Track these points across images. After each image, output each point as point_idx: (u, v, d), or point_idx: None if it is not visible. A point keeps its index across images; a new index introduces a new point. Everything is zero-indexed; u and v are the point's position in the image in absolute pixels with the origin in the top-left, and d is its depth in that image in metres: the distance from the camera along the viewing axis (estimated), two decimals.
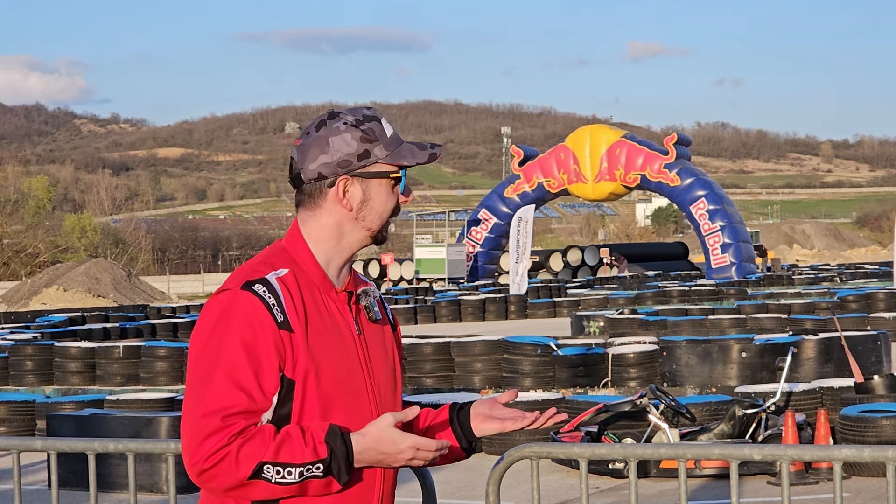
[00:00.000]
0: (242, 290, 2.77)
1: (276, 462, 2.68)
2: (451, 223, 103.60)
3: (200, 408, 2.70)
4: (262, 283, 2.79)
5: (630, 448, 4.13)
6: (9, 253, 68.32)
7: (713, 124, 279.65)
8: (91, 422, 10.55)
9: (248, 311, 2.75)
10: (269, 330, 2.75)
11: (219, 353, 2.73)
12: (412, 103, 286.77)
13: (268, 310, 2.76)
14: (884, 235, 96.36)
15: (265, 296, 2.77)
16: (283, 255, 2.89)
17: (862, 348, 14.66)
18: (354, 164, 2.87)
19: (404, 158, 2.89)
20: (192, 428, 2.70)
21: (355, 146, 2.87)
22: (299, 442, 2.70)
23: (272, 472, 2.68)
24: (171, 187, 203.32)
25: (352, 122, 2.89)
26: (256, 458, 2.67)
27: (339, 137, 2.87)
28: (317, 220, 2.90)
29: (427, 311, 31.91)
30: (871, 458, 3.85)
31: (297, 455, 2.69)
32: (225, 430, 2.68)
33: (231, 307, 2.76)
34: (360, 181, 2.89)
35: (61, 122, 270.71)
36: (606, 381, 14.36)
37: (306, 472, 2.70)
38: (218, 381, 2.71)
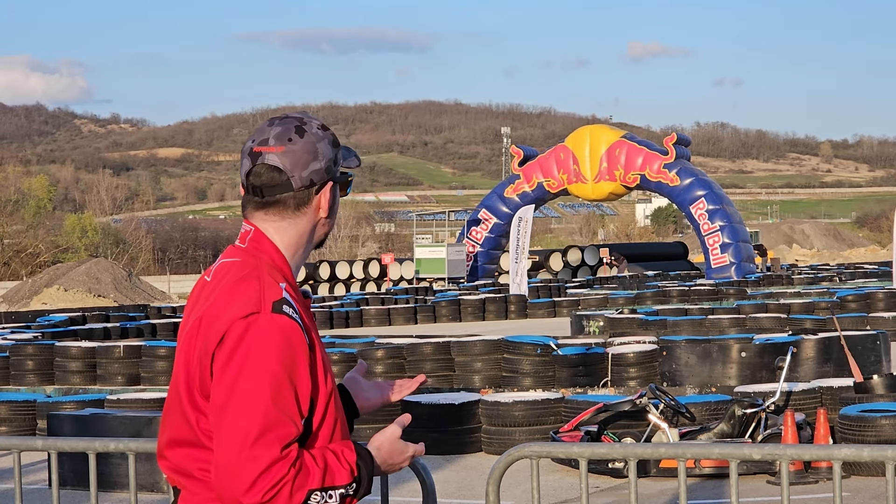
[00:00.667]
0: (275, 314, 2.72)
1: (322, 488, 2.70)
2: (451, 223, 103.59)
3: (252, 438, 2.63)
4: (287, 304, 2.75)
5: (630, 447, 4.14)
6: (9, 253, 68.29)
7: (713, 124, 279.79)
8: (92, 421, 10.56)
9: (288, 336, 2.71)
10: (306, 353, 2.74)
11: (264, 380, 2.67)
12: (412, 103, 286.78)
13: (304, 332, 2.75)
14: (883, 235, 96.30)
15: (296, 317, 2.74)
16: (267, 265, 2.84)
17: (861, 348, 14.67)
18: (333, 169, 2.90)
19: (352, 163, 2.96)
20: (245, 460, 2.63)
21: (331, 152, 2.89)
22: (337, 465, 2.74)
23: (319, 497, 2.69)
24: (172, 187, 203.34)
25: (321, 127, 2.90)
26: (307, 487, 2.68)
27: (323, 143, 2.88)
28: (297, 227, 2.87)
29: (427, 311, 31.91)
30: (871, 457, 3.86)
31: (339, 478, 2.73)
32: (285, 461, 2.65)
33: (269, 333, 2.70)
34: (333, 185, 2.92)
35: (62, 122, 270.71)
36: (606, 381, 14.37)
37: (345, 494, 2.75)
38: (269, 411, 2.65)
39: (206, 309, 2.79)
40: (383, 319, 31.14)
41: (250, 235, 2.87)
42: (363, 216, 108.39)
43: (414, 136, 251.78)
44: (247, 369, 2.66)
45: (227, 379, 2.68)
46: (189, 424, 2.79)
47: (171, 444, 2.84)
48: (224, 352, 2.70)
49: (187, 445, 2.80)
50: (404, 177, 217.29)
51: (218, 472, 2.66)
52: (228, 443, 2.64)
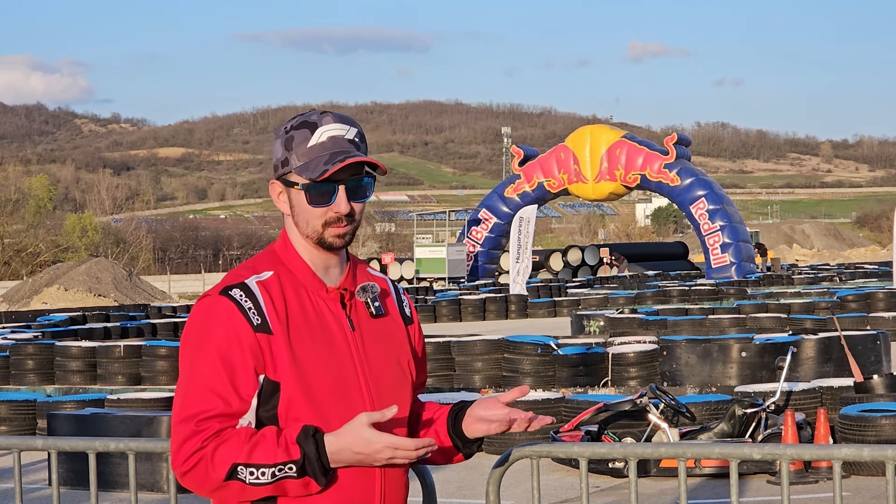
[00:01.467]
0: (220, 296, 2.83)
1: (248, 463, 2.72)
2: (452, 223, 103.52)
3: (180, 413, 2.78)
4: (241, 288, 2.84)
5: (630, 447, 4.14)
6: (10, 252, 68.29)
7: (713, 124, 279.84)
8: (92, 421, 10.55)
9: (224, 316, 2.80)
10: (244, 334, 2.80)
11: (196, 359, 2.80)
12: (412, 103, 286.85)
13: (243, 314, 2.81)
14: (883, 235, 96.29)
15: (241, 300, 2.81)
16: (270, 258, 2.93)
17: (861, 348, 14.66)
18: (280, 170, 2.92)
19: (306, 171, 2.86)
20: (173, 433, 2.79)
21: (280, 153, 2.92)
22: (272, 443, 2.73)
23: (245, 473, 2.72)
24: (172, 187, 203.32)
25: (287, 128, 2.92)
26: (231, 460, 2.72)
27: (276, 142, 2.94)
28: (286, 221, 2.98)
29: (427, 311, 31.91)
30: (871, 457, 3.86)
31: (269, 456, 2.72)
32: (199, 434, 2.74)
33: (209, 313, 2.82)
34: (286, 188, 2.93)
35: (62, 122, 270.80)
36: (606, 381, 14.37)
37: (279, 473, 2.72)
38: (194, 388, 2.78)
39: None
40: None
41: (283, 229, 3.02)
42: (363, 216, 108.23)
43: (414, 136, 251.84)
44: (184, 347, 2.84)
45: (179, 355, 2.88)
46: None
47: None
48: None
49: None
50: (405, 176, 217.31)
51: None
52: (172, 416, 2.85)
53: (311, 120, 2.89)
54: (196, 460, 2.73)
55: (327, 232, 2.89)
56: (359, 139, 2.92)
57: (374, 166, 2.90)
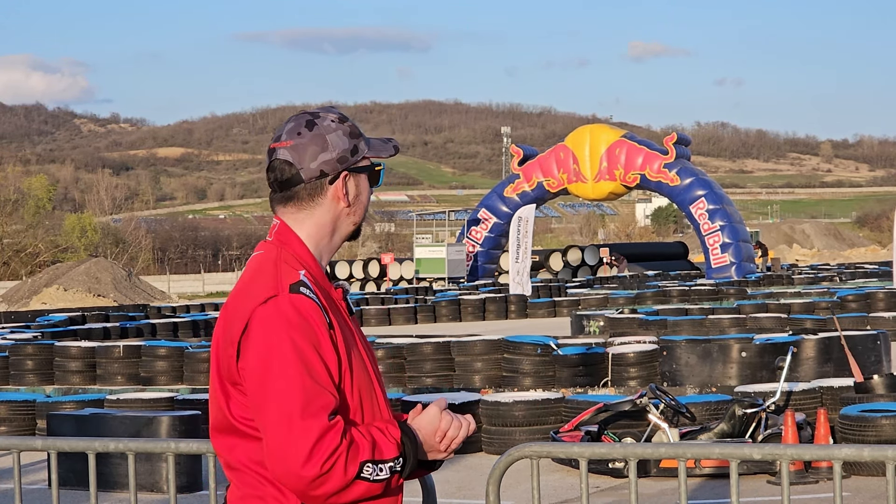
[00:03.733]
0: (293, 294, 2.79)
1: (374, 460, 2.74)
2: (451, 223, 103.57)
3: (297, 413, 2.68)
4: (304, 285, 2.82)
5: (630, 447, 4.14)
6: (9, 252, 68.28)
7: (713, 124, 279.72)
8: (91, 421, 10.55)
9: (306, 312, 2.78)
10: (325, 329, 2.80)
11: (293, 357, 2.73)
12: (412, 103, 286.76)
13: (321, 310, 2.81)
14: (883, 235, 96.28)
15: (313, 297, 2.81)
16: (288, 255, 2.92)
17: (861, 348, 14.66)
18: (350, 159, 2.94)
19: (381, 152, 2.97)
20: (297, 434, 2.68)
21: (347, 142, 2.94)
22: (384, 439, 2.77)
23: (372, 470, 2.74)
24: (171, 187, 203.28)
25: (337, 119, 2.95)
26: (359, 459, 2.72)
27: (335, 134, 2.93)
28: (314, 218, 2.94)
29: (427, 311, 31.92)
30: (871, 457, 3.86)
31: (387, 452, 2.77)
32: (334, 430, 2.70)
33: (288, 311, 2.77)
34: (354, 176, 2.96)
35: (61, 122, 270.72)
36: (606, 381, 14.36)
37: (393, 468, 2.78)
38: (307, 384, 2.72)
39: (230, 300, 2.92)
40: (383, 319, 31.15)
41: (276, 229, 2.97)
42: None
43: (414, 136, 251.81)
44: (275, 350, 2.74)
45: (259, 363, 2.75)
46: (222, 410, 2.88)
47: (214, 431, 2.93)
48: (250, 339, 2.78)
49: (226, 433, 2.88)
50: (404, 176, 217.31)
51: (271, 454, 2.72)
52: (275, 423, 2.71)
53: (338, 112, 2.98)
54: (335, 460, 2.68)
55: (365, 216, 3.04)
56: None
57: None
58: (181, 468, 9.80)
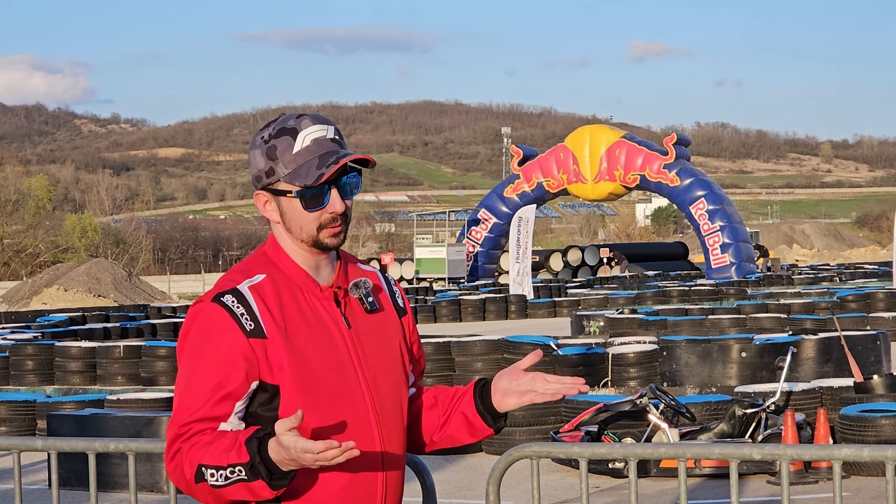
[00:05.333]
0: (212, 303, 2.83)
1: (207, 464, 2.71)
2: (451, 223, 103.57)
3: (172, 417, 2.83)
4: (233, 294, 2.84)
5: (630, 447, 4.14)
6: (9, 253, 68.27)
7: (713, 124, 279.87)
8: (91, 421, 10.55)
9: (215, 323, 2.81)
10: (235, 340, 2.79)
11: (186, 364, 2.83)
12: (412, 103, 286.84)
13: (235, 320, 2.81)
14: (883, 235, 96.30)
15: (233, 306, 2.82)
16: (261, 260, 2.93)
17: (861, 348, 14.65)
18: (264, 180, 2.90)
19: (297, 178, 2.83)
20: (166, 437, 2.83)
21: (262, 163, 2.89)
22: (227, 444, 2.71)
23: (207, 474, 2.71)
24: (172, 187, 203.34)
25: (265, 138, 2.88)
26: (197, 461, 2.73)
27: (253, 153, 2.92)
28: (273, 226, 2.96)
29: (427, 311, 31.91)
30: (871, 457, 3.86)
31: (222, 457, 2.70)
32: (181, 436, 2.77)
33: (200, 320, 2.83)
34: (274, 197, 2.90)
35: (62, 122, 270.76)
36: (606, 381, 14.36)
37: (231, 475, 2.68)
38: (183, 393, 2.81)
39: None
40: None
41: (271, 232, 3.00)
42: (363, 216, 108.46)
43: (414, 136, 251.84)
44: (183, 352, 2.85)
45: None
46: None
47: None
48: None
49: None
50: (404, 177, 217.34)
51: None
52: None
53: (289, 126, 2.86)
54: (177, 462, 2.76)
55: (322, 234, 2.88)
56: (338, 136, 2.91)
57: (361, 161, 2.89)
58: None
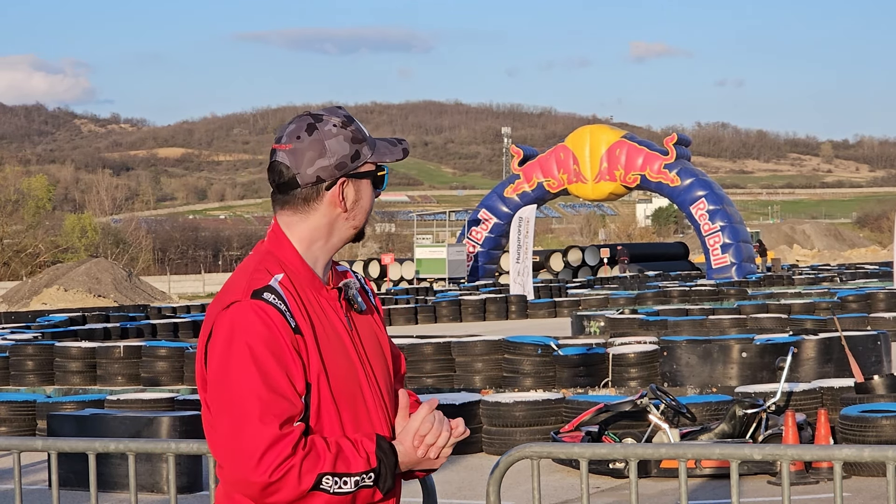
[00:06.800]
0: (254, 300, 2.78)
1: (334, 472, 2.73)
2: (452, 223, 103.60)
3: (250, 419, 2.69)
4: (269, 291, 2.80)
5: (630, 448, 4.14)
6: (9, 253, 68.27)
7: (713, 124, 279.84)
8: (92, 422, 10.55)
9: (266, 319, 2.76)
10: (287, 335, 2.77)
11: (249, 363, 2.73)
12: (412, 103, 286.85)
13: (282, 315, 2.78)
14: (884, 236, 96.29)
15: (276, 303, 2.79)
16: (272, 260, 2.90)
17: (862, 348, 14.66)
18: (349, 165, 2.91)
19: (385, 156, 2.94)
20: (247, 441, 2.69)
21: (348, 148, 2.91)
22: (353, 452, 2.76)
23: (331, 482, 2.72)
24: (172, 187, 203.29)
25: (340, 124, 2.91)
26: (317, 470, 2.71)
27: (335, 140, 2.90)
28: (308, 222, 2.92)
29: (427, 311, 31.91)
30: (871, 457, 3.86)
31: (353, 465, 2.75)
32: (286, 440, 2.70)
33: (248, 317, 2.76)
34: (354, 181, 2.93)
35: (61, 122, 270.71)
36: (607, 381, 14.36)
37: (360, 482, 2.76)
38: (261, 392, 2.71)
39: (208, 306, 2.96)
40: (384, 320, 31.10)
41: (270, 229, 2.97)
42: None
43: (414, 136, 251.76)
44: (232, 357, 2.74)
45: (217, 369, 2.76)
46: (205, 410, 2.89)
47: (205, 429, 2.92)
48: (212, 344, 2.79)
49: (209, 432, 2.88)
50: (405, 177, 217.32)
51: (225, 460, 2.74)
52: (228, 429, 2.72)
53: (347, 114, 2.95)
54: (285, 470, 2.68)
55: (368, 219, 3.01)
56: None
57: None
58: (181, 468, 9.80)
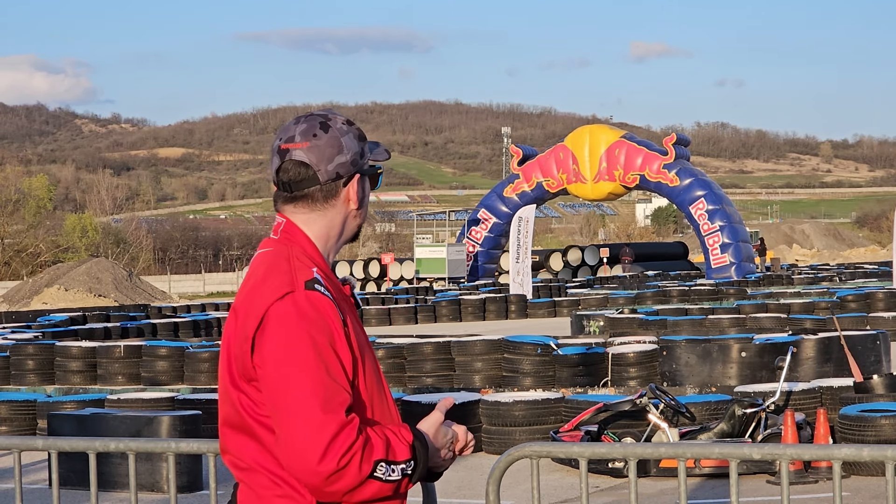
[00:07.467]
0: (308, 290, 2.81)
1: (388, 460, 2.76)
2: (452, 223, 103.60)
3: (315, 409, 2.70)
4: (318, 283, 2.84)
5: (630, 447, 4.15)
6: (10, 252, 68.28)
7: (713, 124, 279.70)
8: (92, 421, 10.56)
9: (322, 309, 2.80)
10: (341, 326, 2.82)
11: (311, 353, 2.75)
12: (412, 103, 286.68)
13: (335, 306, 2.83)
14: (883, 235, 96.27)
15: (328, 293, 2.83)
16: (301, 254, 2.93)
17: (861, 348, 14.67)
18: (360, 162, 2.98)
19: (380, 156, 3.03)
20: (315, 430, 2.69)
21: (355, 146, 2.98)
22: (397, 441, 2.79)
23: (385, 469, 2.75)
24: (172, 187, 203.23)
25: (346, 122, 2.99)
26: (373, 457, 2.73)
27: (348, 137, 2.97)
28: (326, 219, 2.97)
29: (427, 311, 31.93)
30: (871, 457, 3.87)
31: (399, 454, 2.78)
32: (351, 426, 2.72)
33: (306, 307, 2.79)
34: (362, 179, 3.01)
35: (62, 122, 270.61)
36: (606, 381, 14.37)
37: (405, 471, 2.79)
38: (325, 381, 2.73)
39: (242, 298, 2.90)
40: (384, 319, 31.16)
41: (282, 227, 2.98)
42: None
43: (414, 136, 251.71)
44: (293, 346, 2.75)
45: (276, 358, 2.76)
46: (234, 407, 2.87)
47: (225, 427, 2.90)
48: (266, 335, 2.78)
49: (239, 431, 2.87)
50: (405, 177, 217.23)
51: (288, 449, 2.73)
52: (293, 418, 2.72)
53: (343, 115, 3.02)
54: (351, 456, 2.70)
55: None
56: None
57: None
58: (181, 468, 9.81)
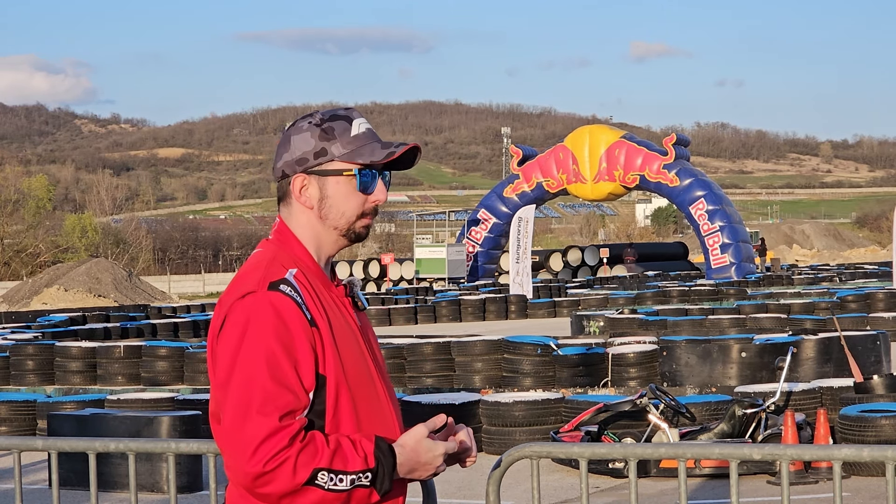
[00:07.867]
0: (270, 291, 2.78)
1: (330, 468, 2.71)
2: (451, 223, 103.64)
3: (251, 410, 2.69)
4: (285, 283, 2.80)
5: (630, 448, 4.15)
6: (9, 253, 68.29)
7: (713, 124, 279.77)
8: (92, 421, 10.56)
9: (281, 310, 2.76)
10: (302, 328, 2.77)
11: (258, 354, 2.73)
12: (412, 103, 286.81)
13: (299, 308, 2.78)
14: (883, 235, 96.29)
15: (293, 295, 2.79)
16: (285, 254, 2.90)
17: (861, 348, 14.66)
18: (311, 161, 2.90)
19: (360, 157, 2.88)
20: (245, 430, 2.69)
21: (313, 144, 2.90)
22: (351, 450, 2.74)
23: (326, 478, 2.70)
24: (172, 187, 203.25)
25: (315, 122, 2.92)
26: (312, 465, 2.69)
27: (300, 136, 2.91)
28: (294, 218, 2.94)
29: (427, 311, 31.92)
30: (871, 457, 3.86)
31: (350, 463, 2.73)
32: (284, 432, 2.69)
33: (263, 308, 2.76)
34: (318, 179, 2.91)
35: (62, 122, 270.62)
36: (606, 381, 14.37)
37: (357, 481, 2.73)
38: (264, 383, 2.71)
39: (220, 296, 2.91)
40: (384, 319, 31.14)
41: (276, 227, 2.98)
42: None
43: (414, 137, 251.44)
44: (244, 345, 2.74)
45: (226, 357, 2.76)
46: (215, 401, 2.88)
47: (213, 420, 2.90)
48: (223, 334, 2.79)
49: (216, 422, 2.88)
50: (404, 177, 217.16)
51: (223, 447, 2.75)
52: (230, 416, 2.72)
53: (340, 114, 2.92)
54: (280, 461, 2.67)
55: (359, 223, 2.94)
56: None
57: (393, 164, 2.94)
58: (181, 468, 9.80)
